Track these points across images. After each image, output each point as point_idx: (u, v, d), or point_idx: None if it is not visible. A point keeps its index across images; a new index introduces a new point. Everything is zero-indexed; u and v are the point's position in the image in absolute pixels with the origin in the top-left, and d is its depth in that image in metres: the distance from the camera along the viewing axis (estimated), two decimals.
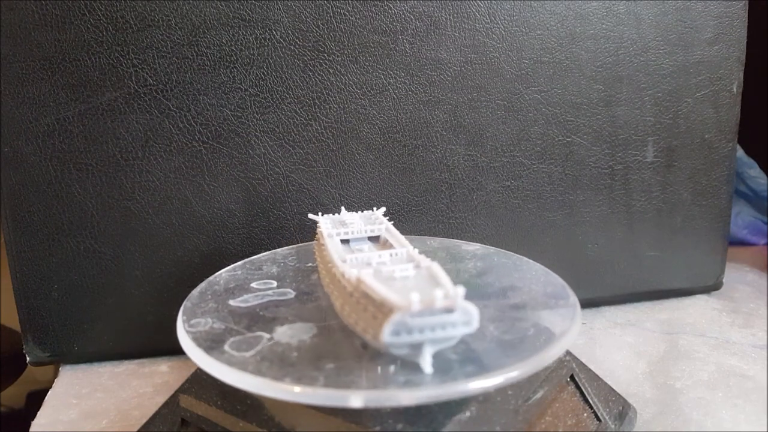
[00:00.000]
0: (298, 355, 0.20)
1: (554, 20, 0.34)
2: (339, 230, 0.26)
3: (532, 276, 0.26)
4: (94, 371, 0.33)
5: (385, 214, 0.28)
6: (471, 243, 0.30)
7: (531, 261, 0.27)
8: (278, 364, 0.20)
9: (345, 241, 0.26)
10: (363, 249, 0.25)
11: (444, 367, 0.19)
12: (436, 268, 0.20)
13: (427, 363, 0.18)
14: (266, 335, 0.22)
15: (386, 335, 0.18)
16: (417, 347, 0.18)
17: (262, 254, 0.30)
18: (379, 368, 0.19)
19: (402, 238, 0.24)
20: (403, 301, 0.17)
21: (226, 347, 0.21)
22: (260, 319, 0.23)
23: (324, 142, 0.33)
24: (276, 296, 0.25)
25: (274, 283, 0.26)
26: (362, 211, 0.28)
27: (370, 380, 0.18)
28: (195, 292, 0.26)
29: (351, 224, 0.26)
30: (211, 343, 0.22)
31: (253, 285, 0.26)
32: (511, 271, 0.26)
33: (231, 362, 0.20)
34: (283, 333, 0.22)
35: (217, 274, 0.28)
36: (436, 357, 0.19)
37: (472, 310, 0.18)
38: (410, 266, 0.21)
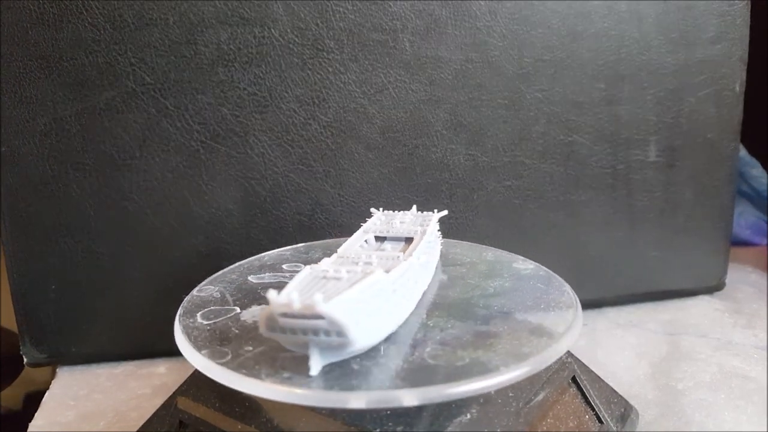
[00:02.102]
0: (239, 333, 0.21)
1: (556, 18, 0.34)
2: (376, 227, 0.26)
3: (548, 308, 0.23)
4: (92, 372, 0.33)
5: (441, 219, 0.27)
6: (528, 261, 0.27)
7: (570, 292, 0.24)
8: (214, 336, 0.21)
9: (383, 239, 0.25)
10: (386, 248, 0.25)
11: (328, 375, 0.18)
12: (366, 275, 0.19)
13: (312, 365, 0.18)
14: (237, 310, 0.23)
15: (262, 329, 0.18)
16: (304, 347, 0.18)
17: (324, 240, 0.31)
18: (277, 361, 0.19)
19: (421, 244, 0.24)
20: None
21: (199, 314, 0.22)
22: (253, 296, 0.24)
23: (323, 142, 0.33)
24: (289, 279, 0.25)
25: (302, 267, 0.27)
26: (423, 212, 0.28)
27: (257, 370, 0.19)
28: (236, 264, 0.28)
29: (393, 223, 0.26)
30: (194, 307, 0.23)
31: (284, 266, 0.27)
32: (530, 298, 0.24)
33: (187, 326, 0.21)
34: (251, 312, 0.22)
35: (271, 251, 0.29)
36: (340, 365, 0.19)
37: (342, 321, 0.17)
38: (352, 269, 0.20)
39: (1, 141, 0.30)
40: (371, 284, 0.19)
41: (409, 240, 0.25)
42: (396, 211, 0.28)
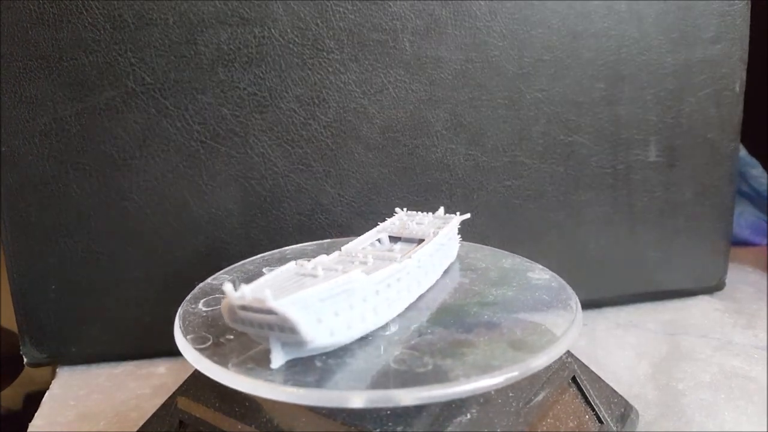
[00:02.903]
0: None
1: (556, 18, 0.34)
2: (394, 227, 0.26)
3: (542, 321, 0.22)
4: (92, 373, 0.33)
5: (462, 222, 0.27)
6: (546, 271, 0.26)
7: (574, 306, 0.23)
8: (205, 323, 0.22)
9: (397, 238, 0.26)
10: (394, 249, 0.25)
11: (288, 370, 0.19)
12: (336, 277, 0.19)
13: (273, 358, 0.18)
14: None
15: (226, 319, 0.18)
16: (267, 340, 0.18)
17: (349, 237, 0.30)
18: (249, 352, 0.20)
19: (426, 247, 0.24)
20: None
21: (202, 301, 0.24)
22: None
23: (323, 142, 0.33)
24: None
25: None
26: (446, 214, 0.28)
27: (227, 358, 0.19)
28: (257, 256, 0.28)
29: (409, 224, 0.26)
30: (201, 294, 0.24)
31: (299, 261, 0.27)
32: (527, 310, 0.23)
33: (187, 312, 0.23)
34: None
35: (295, 245, 0.30)
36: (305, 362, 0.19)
37: (292, 318, 0.17)
38: (333, 267, 0.20)
39: (1, 141, 0.30)
40: (342, 283, 0.19)
41: (422, 242, 0.25)
42: (418, 212, 0.28)
